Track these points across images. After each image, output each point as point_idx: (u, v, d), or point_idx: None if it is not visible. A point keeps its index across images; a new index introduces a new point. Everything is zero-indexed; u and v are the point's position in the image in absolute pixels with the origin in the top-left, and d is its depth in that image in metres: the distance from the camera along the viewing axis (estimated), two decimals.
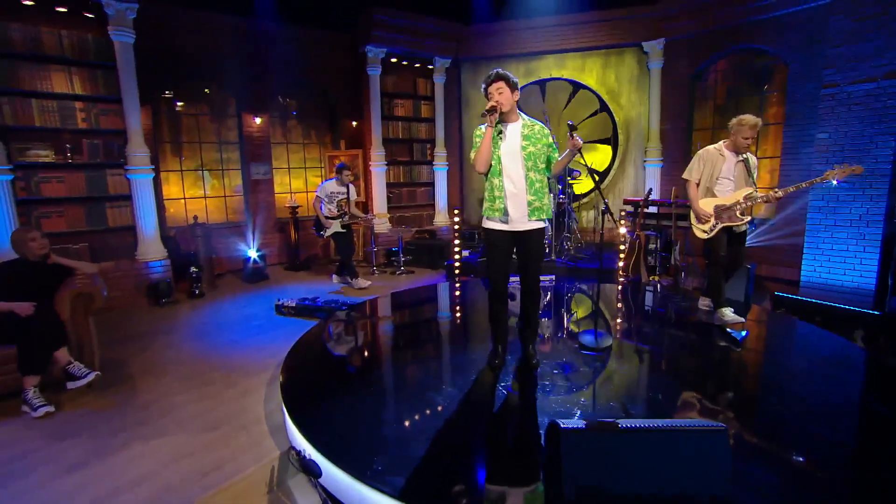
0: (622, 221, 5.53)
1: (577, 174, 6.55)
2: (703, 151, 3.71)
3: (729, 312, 3.62)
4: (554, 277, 5.59)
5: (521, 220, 2.72)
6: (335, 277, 5.88)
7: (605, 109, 7.43)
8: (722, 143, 3.66)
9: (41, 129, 4.78)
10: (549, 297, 4.77)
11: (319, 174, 7.71)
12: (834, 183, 3.54)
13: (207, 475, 2.26)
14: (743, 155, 3.58)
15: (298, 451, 2.27)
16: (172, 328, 4.44)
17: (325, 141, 7.77)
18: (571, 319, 4.12)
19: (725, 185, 3.62)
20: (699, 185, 3.70)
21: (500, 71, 2.64)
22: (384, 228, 7.20)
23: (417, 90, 7.77)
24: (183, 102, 6.34)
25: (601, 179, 7.52)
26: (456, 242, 6.03)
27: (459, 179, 8.35)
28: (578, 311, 4.43)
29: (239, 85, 6.46)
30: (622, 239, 5.54)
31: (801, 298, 4.32)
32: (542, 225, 2.78)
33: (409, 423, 2.40)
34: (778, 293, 4.49)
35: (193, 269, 5.44)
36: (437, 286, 5.27)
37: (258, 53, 6.55)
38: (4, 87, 4.57)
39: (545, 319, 4.02)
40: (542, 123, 2.76)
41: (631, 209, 5.67)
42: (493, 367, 2.92)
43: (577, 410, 2.43)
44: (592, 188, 7.58)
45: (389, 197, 7.55)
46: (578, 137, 2.62)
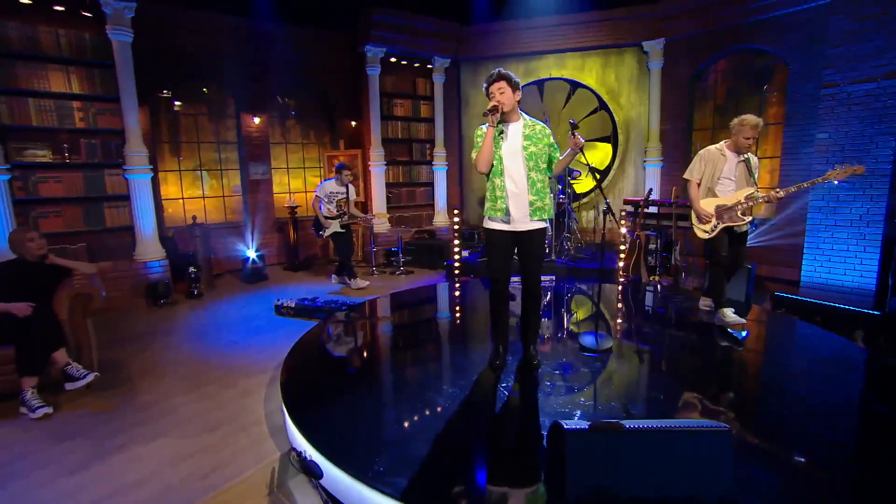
0: (622, 221, 5.53)
1: (577, 174, 6.56)
2: (704, 151, 3.70)
3: (730, 313, 3.61)
4: (554, 277, 5.58)
5: (522, 220, 2.71)
6: (334, 278, 5.87)
7: (603, 108, 7.44)
8: (723, 143, 3.65)
9: (38, 128, 4.76)
10: (549, 297, 4.76)
11: (318, 174, 7.69)
12: (835, 183, 3.54)
13: (207, 476, 2.25)
14: (744, 155, 3.57)
15: (299, 451, 2.25)
16: (171, 329, 4.43)
17: (324, 141, 7.75)
18: (572, 320, 4.11)
19: (727, 185, 3.61)
20: (700, 185, 3.69)
21: (501, 70, 2.63)
22: (383, 228, 7.19)
23: (417, 90, 7.76)
24: (181, 102, 6.32)
25: (601, 179, 7.52)
26: (455, 242, 6.02)
27: (459, 179, 8.34)
28: (579, 311, 4.42)
29: (238, 84, 6.45)
30: (622, 239, 5.54)
31: (801, 298, 4.32)
32: (543, 225, 2.77)
33: (410, 423, 2.38)
34: (778, 293, 4.49)
35: (192, 269, 5.42)
36: (436, 286, 5.26)
37: (257, 53, 6.53)
38: (2, 86, 4.56)
39: (546, 320, 4.01)
40: (543, 123, 2.76)
41: (631, 209, 5.67)
42: (494, 367, 2.91)
43: (578, 411, 2.42)
44: (593, 188, 7.58)
45: (389, 197, 7.54)
46: (580, 136, 2.61)
